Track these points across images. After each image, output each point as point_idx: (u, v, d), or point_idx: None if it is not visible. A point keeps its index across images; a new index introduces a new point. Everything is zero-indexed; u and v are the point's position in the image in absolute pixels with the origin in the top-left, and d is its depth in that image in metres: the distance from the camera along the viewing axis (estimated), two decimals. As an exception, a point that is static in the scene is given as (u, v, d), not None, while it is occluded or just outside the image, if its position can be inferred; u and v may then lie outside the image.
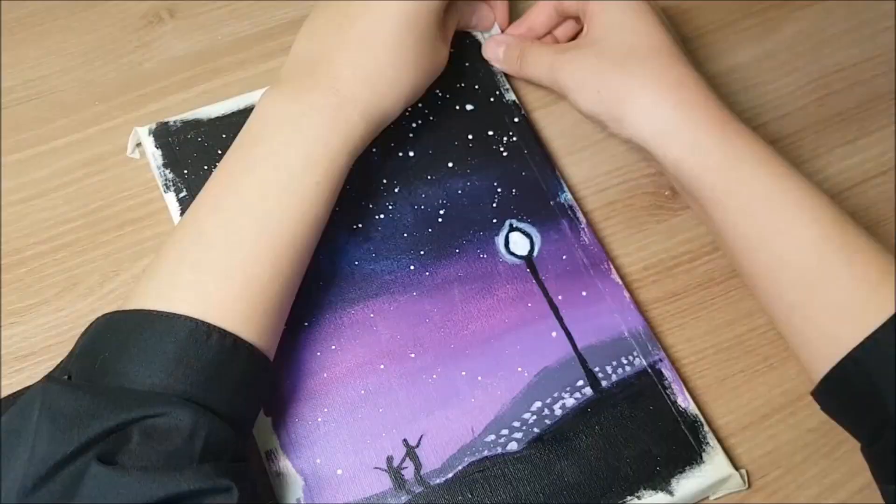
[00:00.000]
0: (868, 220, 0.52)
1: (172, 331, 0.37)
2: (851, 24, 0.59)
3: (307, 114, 0.43)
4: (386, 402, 0.44)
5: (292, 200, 0.41)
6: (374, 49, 0.44)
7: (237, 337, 0.38)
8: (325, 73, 0.44)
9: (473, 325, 0.47)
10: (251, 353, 0.39)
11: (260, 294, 0.39)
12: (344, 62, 0.44)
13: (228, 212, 0.40)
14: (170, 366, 0.36)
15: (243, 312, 0.39)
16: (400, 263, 0.48)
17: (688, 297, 0.50)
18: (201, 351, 0.37)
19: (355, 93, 0.43)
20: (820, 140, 0.55)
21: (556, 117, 0.54)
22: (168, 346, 0.36)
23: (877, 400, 0.39)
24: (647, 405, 0.45)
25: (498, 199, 0.50)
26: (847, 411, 0.43)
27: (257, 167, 0.41)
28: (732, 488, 0.45)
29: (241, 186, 0.41)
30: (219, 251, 0.39)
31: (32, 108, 0.52)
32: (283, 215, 0.41)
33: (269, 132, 0.42)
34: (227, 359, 0.38)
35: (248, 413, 0.40)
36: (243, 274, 0.39)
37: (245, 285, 0.39)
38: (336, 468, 0.43)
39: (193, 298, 0.38)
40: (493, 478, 0.43)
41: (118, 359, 0.36)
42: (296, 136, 0.42)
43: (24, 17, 0.55)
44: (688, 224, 0.52)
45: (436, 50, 0.47)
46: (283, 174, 0.41)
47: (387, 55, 0.44)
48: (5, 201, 0.49)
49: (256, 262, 0.40)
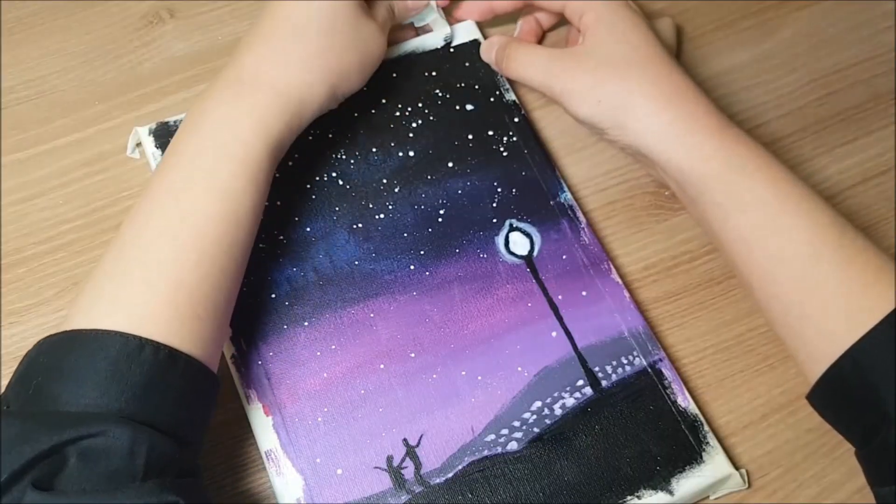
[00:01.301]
0: (868, 220, 0.52)
1: (103, 348, 0.36)
2: (851, 24, 0.59)
3: (214, 107, 0.43)
4: (386, 402, 0.44)
5: (209, 196, 0.40)
6: (281, 35, 0.44)
7: (171, 348, 0.37)
8: (237, 57, 0.45)
9: (473, 325, 0.47)
10: (188, 363, 0.38)
11: (189, 299, 0.38)
12: (249, 51, 0.45)
13: (145, 217, 0.40)
14: (103, 384, 0.35)
15: (175, 320, 0.38)
16: (400, 263, 0.48)
17: (688, 297, 0.50)
18: (134, 366, 0.36)
19: (260, 74, 0.43)
20: (820, 140, 0.55)
21: (556, 117, 0.54)
22: (100, 364, 0.35)
23: (874, 398, 0.40)
24: (647, 405, 0.45)
25: (498, 199, 0.50)
26: (843, 412, 0.43)
27: (169, 168, 0.41)
28: (732, 488, 0.45)
29: (156, 191, 0.41)
30: (140, 260, 0.39)
31: (32, 108, 0.52)
32: (201, 213, 0.40)
33: (188, 131, 0.42)
34: (163, 371, 0.37)
35: (192, 425, 0.39)
36: (168, 280, 0.38)
37: (172, 292, 0.38)
38: (336, 468, 0.43)
39: (122, 312, 0.37)
40: (493, 477, 0.43)
41: (51, 382, 0.35)
42: (207, 132, 0.42)
43: (24, 17, 0.55)
44: (688, 224, 0.52)
45: (360, 35, 0.47)
46: (195, 170, 0.41)
47: (295, 38, 0.44)
48: (5, 201, 0.49)
49: (180, 267, 0.39)
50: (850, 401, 0.41)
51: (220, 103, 0.43)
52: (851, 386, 0.41)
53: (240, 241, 0.41)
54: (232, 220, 0.41)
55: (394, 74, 0.53)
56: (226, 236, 0.40)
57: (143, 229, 0.40)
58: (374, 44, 0.48)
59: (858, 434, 0.42)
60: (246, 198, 0.41)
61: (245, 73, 0.44)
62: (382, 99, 0.52)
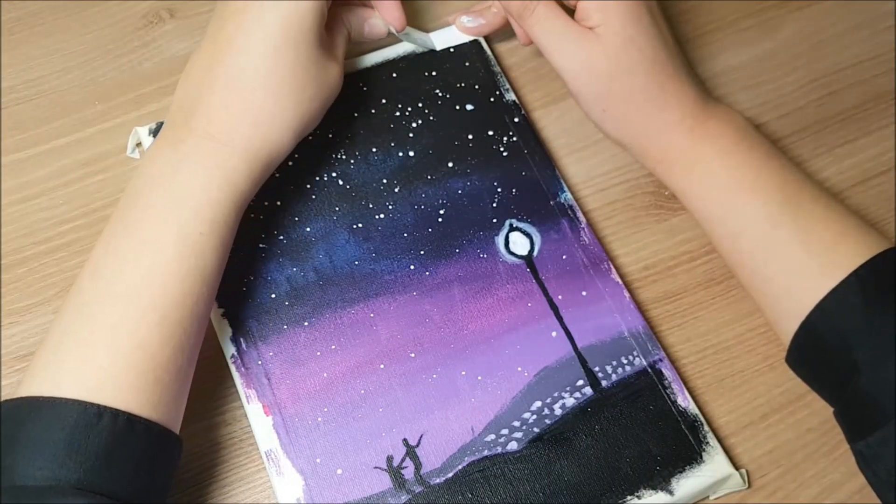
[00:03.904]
0: (868, 220, 0.52)
1: (60, 417, 0.35)
2: (851, 24, 0.59)
3: (184, 163, 0.41)
4: (386, 402, 0.44)
5: (175, 256, 0.39)
6: (247, 85, 0.42)
7: (131, 414, 0.36)
8: (199, 117, 0.42)
9: (473, 325, 0.47)
10: (149, 430, 0.37)
11: (151, 362, 0.37)
12: (216, 104, 0.42)
13: (108, 276, 0.38)
14: (61, 455, 0.34)
15: (135, 386, 0.37)
16: (400, 263, 0.48)
17: (688, 297, 0.50)
18: (93, 435, 0.35)
19: (232, 135, 0.42)
20: (820, 140, 0.55)
21: (556, 117, 0.54)
22: (57, 434, 0.34)
23: (844, 348, 0.42)
24: (647, 405, 0.45)
25: (498, 199, 0.50)
26: (817, 367, 0.45)
27: (136, 224, 0.40)
28: (732, 488, 0.45)
29: (121, 247, 0.39)
30: (101, 322, 0.37)
31: (32, 108, 0.52)
32: (167, 273, 0.39)
33: (148, 186, 0.41)
34: (122, 439, 0.36)
35: (152, 491, 0.38)
36: (129, 343, 0.37)
37: (133, 355, 0.37)
38: (336, 468, 0.43)
39: (80, 378, 0.36)
40: (493, 477, 0.43)
41: (8, 453, 0.35)
42: (174, 187, 0.40)
43: (24, 16, 0.55)
44: (688, 224, 0.52)
45: (323, 72, 0.45)
46: (164, 228, 0.39)
47: (262, 90, 0.42)
48: (5, 201, 0.49)
49: (143, 329, 0.37)
50: (822, 355, 0.44)
51: (189, 160, 0.41)
52: (822, 339, 0.43)
53: (203, 299, 0.40)
54: (197, 279, 0.40)
55: (394, 74, 0.53)
56: (189, 296, 0.39)
57: (104, 286, 0.38)
58: (336, 83, 0.46)
59: (834, 390, 0.44)
60: (212, 255, 0.40)
61: (217, 131, 0.42)
62: (382, 99, 0.52)
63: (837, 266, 0.43)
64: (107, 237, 0.40)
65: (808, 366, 0.45)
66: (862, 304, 0.42)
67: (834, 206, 0.46)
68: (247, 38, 0.42)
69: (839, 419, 0.45)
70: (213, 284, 0.41)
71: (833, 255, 0.44)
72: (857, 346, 0.42)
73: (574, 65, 0.48)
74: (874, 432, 0.41)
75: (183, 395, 0.40)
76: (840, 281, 0.43)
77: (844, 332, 0.42)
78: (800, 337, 0.44)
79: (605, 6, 0.46)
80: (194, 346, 0.41)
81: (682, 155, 0.48)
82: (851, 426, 0.44)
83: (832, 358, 0.43)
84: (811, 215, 0.45)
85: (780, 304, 0.46)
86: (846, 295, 0.42)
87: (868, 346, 0.42)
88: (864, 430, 0.42)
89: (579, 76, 0.48)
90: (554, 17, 0.48)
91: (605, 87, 0.47)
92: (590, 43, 0.47)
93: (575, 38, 0.47)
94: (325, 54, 0.45)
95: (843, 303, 0.42)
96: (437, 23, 0.56)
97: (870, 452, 0.42)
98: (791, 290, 0.45)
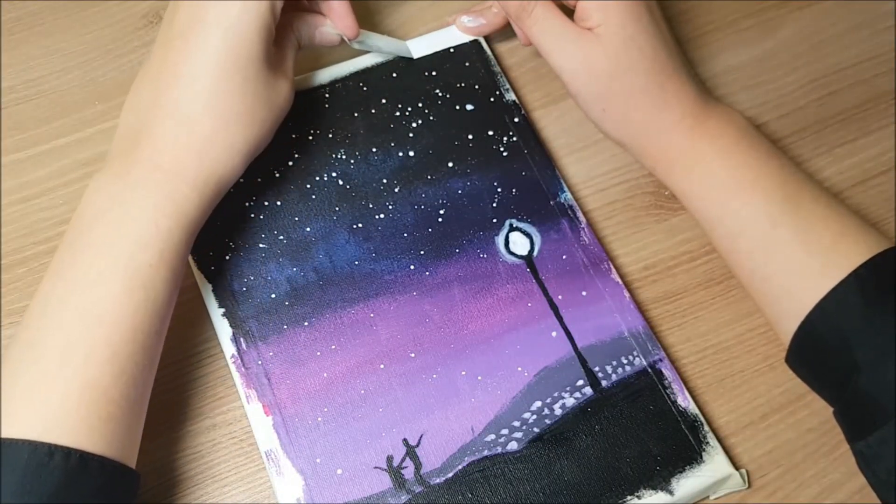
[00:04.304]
0: (868, 220, 0.52)
1: (11, 459, 0.34)
2: (851, 24, 0.59)
3: (130, 193, 0.40)
4: (386, 402, 0.44)
5: (125, 289, 0.38)
6: (193, 115, 0.41)
7: (84, 452, 0.35)
8: (146, 147, 0.41)
9: (473, 325, 0.47)
10: (103, 467, 0.36)
11: (103, 399, 0.37)
12: (163, 134, 0.41)
13: (57, 311, 0.37)
14: (15, 497, 0.34)
15: (87, 423, 0.36)
16: (400, 263, 0.48)
17: (688, 297, 0.50)
18: (45, 475, 0.34)
19: (180, 165, 0.41)
20: (820, 140, 0.55)
21: (556, 117, 0.54)
22: (8, 476, 0.34)
23: (844, 347, 0.42)
24: (647, 405, 0.45)
25: (498, 199, 0.50)
26: (818, 367, 0.45)
27: (84, 257, 0.39)
28: (732, 488, 0.45)
29: (69, 281, 0.38)
30: (50, 359, 0.36)
31: (32, 108, 0.52)
32: (116, 308, 0.38)
33: (96, 218, 0.39)
34: (75, 477, 0.35)
35: None
36: (80, 381, 0.36)
37: (84, 393, 0.36)
38: (336, 468, 0.43)
39: (30, 418, 0.35)
40: (493, 477, 0.43)
41: None
42: (122, 219, 0.39)
43: (24, 17, 0.55)
44: (688, 224, 0.52)
45: (272, 92, 0.43)
46: (112, 261, 0.38)
47: (209, 119, 0.41)
48: (5, 201, 0.49)
49: (93, 365, 0.37)
50: (822, 354, 0.44)
51: (136, 191, 0.40)
52: (822, 339, 0.43)
53: (155, 331, 0.39)
54: (147, 312, 0.39)
55: (394, 74, 0.53)
56: (140, 330, 0.38)
57: (53, 323, 0.37)
58: (286, 100, 0.45)
59: (834, 389, 0.44)
60: (162, 287, 0.39)
61: (164, 161, 0.40)
62: (382, 99, 0.52)
63: (837, 266, 0.43)
64: (54, 271, 0.39)
65: (808, 366, 0.45)
66: (862, 304, 0.42)
67: (834, 206, 0.46)
68: (192, 65, 0.41)
69: (839, 419, 0.45)
70: (164, 315, 0.40)
71: (833, 255, 0.44)
72: (856, 345, 0.42)
73: (573, 64, 0.48)
74: (874, 432, 0.41)
75: (137, 428, 0.39)
76: (840, 280, 0.43)
77: (844, 332, 0.42)
78: (799, 337, 0.44)
79: (605, 6, 0.46)
80: (147, 379, 0.40)
81: (681, 155, 0.48)
82: (851, 426, 0.44)
83: (832, 358, 0.43)
84: (811, 215, 0.45)
85: (780, 303, 0.46)
86: (846, 294, 0.42)
87: (868, 346, 0.42)
88: (863, 430, 0.42)
89: (578, 76, 0.48)
90: (552, 17, 0.48)
91: (605, 87, 0.47)
92: (589, 43, 0.47)
93: (573, 38, 0.47)
94: (273, 73, 0.44)
95: (843, 302, 0.42)
96: (436, 23, 0.56)
97: (870, 452, 0.42)
98: (791, 289, 0.45)
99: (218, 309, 0.46)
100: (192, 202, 0.41)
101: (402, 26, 0.56)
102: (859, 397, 0.42)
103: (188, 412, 0.45)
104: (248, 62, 0.41)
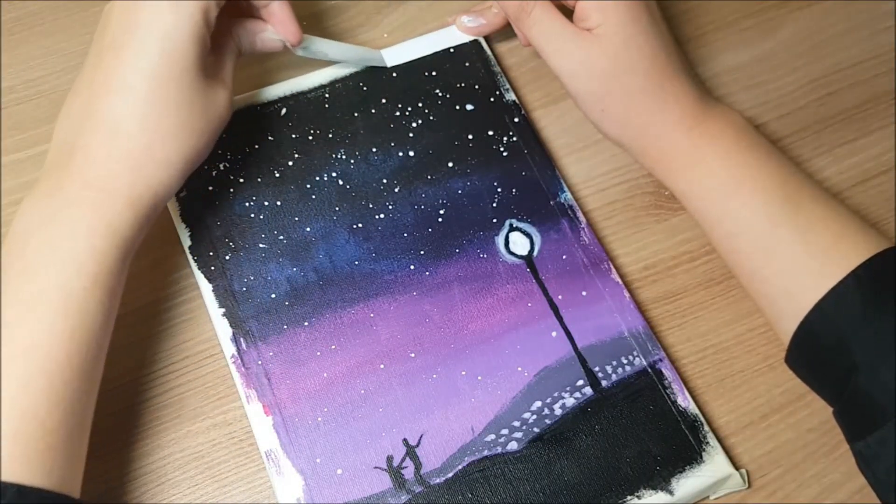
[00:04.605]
0: (868, 220, 0.52)
1: None
2: (851, 24, 0.59)
3: (62, 213, 0.38)
4: (386, 402, 0.44)
5: (59, 316, 0.36)
6: (128, 129, 0.39)
7: (21, 486, 0.34)
8: (77, 163, 0.39)
9: (473, 325, 0.47)
10: (41, 499, 0.35)
11: (40, 430, 0.35)
12: (95, 148, 0.39)
13: None
14: None
15: (24, 455, 0.34)
16: (400, 263, 0.48)
17: (688, 297, 0.50)
18: None
19: (114, 181, 0.39)
20: (820, 140, 0.55)
21: (556, 117, 0.54)
22: None
23: (843, 348, 0.42)
24: (647, 405, 0.45)
25: (498, 199, 0.50)
26: (817, 367, 0.45)
27: (15, 283, 0.37)
28: (732, 488, 0.45)
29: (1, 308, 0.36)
30: None
31: (32, 108, 0.52)
32: (51, 335, 0.36)
33: (26, 240, 0.38)
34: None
35: None
36: (15, 412, 0.35)
37: (20, 424, 0.35)
38: (336, 468, 0.43)
39: None
40: (493, 477, 0.43)
41: None
42: (53, 240, 0.38)
43: (24, 16, 0.55)
44: (688, 224, 0.52)
45: (210, 103, 0.42)
46: (44, 287, 0.37)
47: (144, 133, 0.39)
48: (5, 201, 0.49)
49: (29, 396, 0.35)
50: (821, 354, 0.44)
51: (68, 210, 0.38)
52: (821, 339, 0.43)
53: (92, 355, 0.38)
54: (84, 337, 0.37)
55: (394, 74, 0.53)
56: (77, 355, 0.37)
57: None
58: (225, 110, 0.44)
59: (833, 390, 0.44)
60: (100, 311, 0.38)
61: (96, 177, 0.39)
62: (382, 99, 0.52)
63: (837, 266, 0.43)
64: None
65: (808, 366, 0.46)
66: (861, 304, 0.42)
67: (834, 206, 0.46)
68: (125, 77, 0.39)
69: (839, 419, 0.45)
70: (102, 339, 0.39)
71: (832, 255, 0.44)
72: (856, 345, 0.42)
73: (572, 65, 0.48)
74: (873, 432, 0.41)
75: (79, 455, 0.38)
76: (839, 280, 0.43)
77: (843, 332, 0.42)
78: (799, 337, 0.44)
79: (605, 6, 0.46)
80: (87, 404, 0.38)
81: (681, 155, 0.48)
82: (851, 426, 0.44)
83: (831, 358, 0.43)
84: (811, 215, 0.45)
85: (780, 303, 0.46)
86: (845, 295, 0.43)
87: (867, 346, 0.42)
88: (863, 430, 0.42)
89: (578, 76, 0.48)
90: (551, 18, 0.48)
91: (604, 87, 0.47)
92: (588, 43, 0.47)
93: (572, 39, 0.47)
94: (210, 82, 0.42)
95: (842, 302, 0.43)
96: (436, 23, 0.56)
97: (869, 452, 0.42)
98: (790, 289, 0.45)
99: (218, 309, 0.46)
100: (127, 220, 0.39)
101: (403, 26, 0.56)
102: (859, 397, 0.42)
103: (188, 412, 0.45)
104: (182, 72, 0.40)
